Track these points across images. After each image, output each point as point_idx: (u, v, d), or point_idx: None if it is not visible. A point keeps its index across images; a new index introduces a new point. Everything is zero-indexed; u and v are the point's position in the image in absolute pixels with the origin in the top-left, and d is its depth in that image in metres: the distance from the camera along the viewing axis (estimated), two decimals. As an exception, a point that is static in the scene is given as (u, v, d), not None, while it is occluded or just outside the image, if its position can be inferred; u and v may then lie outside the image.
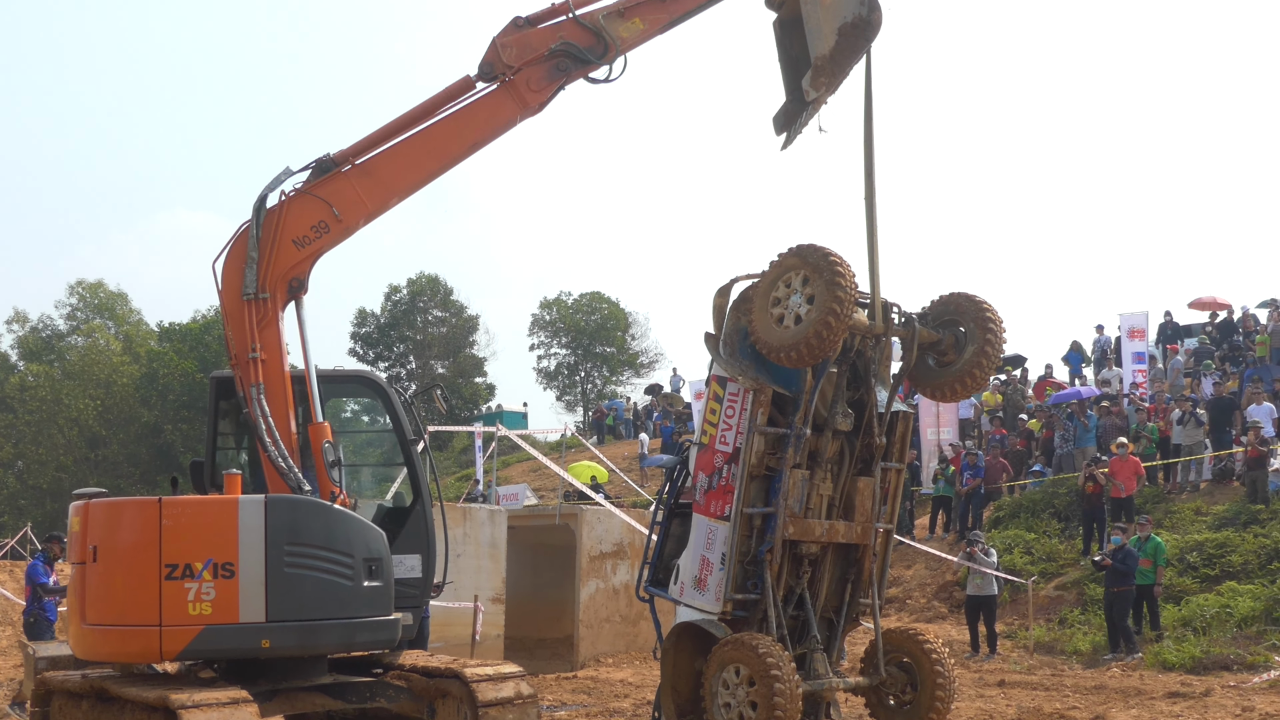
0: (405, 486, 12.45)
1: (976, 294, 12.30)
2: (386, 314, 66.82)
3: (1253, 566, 19.95)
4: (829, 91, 11.78)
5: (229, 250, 11.30)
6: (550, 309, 69.58)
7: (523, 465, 40.81)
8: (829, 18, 11.45)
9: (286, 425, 11.01)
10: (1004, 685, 16.00)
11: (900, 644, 12.68)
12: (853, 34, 11.42)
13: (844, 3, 11.46)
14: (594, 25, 11.46)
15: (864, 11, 11.37)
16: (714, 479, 11.85)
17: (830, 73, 11.57)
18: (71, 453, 56.70)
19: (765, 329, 11.49)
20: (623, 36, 11.56)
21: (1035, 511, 25.08)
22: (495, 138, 11.74)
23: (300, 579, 9.99)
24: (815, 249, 11.49)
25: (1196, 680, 15.76)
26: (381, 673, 11.50)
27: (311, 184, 11.41)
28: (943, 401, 16.23)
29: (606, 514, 21.31)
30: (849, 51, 11.52)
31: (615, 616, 20.77)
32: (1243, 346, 31.02)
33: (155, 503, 10.08)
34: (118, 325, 66.27)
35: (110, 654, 10.28)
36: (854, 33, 11.41)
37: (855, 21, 11.39)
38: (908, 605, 23.57)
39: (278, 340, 11.15)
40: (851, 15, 11.39)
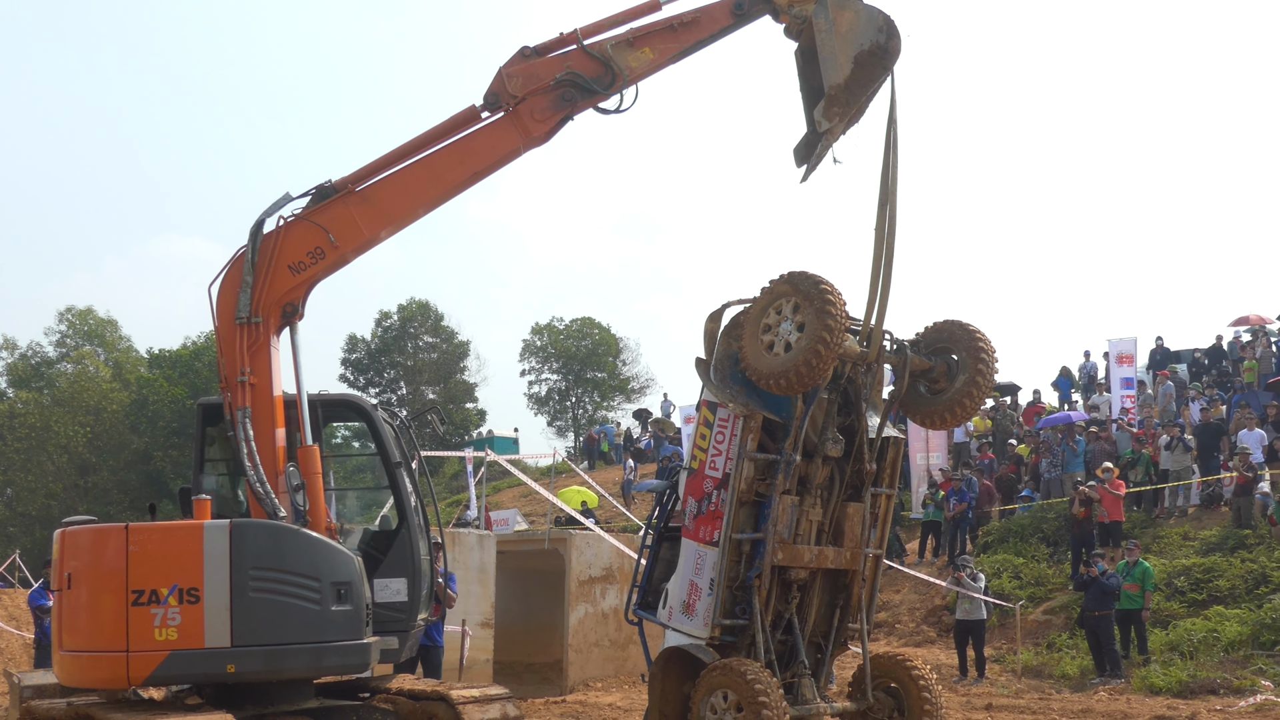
0: (394, 511, 12.46)
1: (969, 322, 12.33)
2: (377, 340, 66.77)
3: (1240, 591, 20.03)
4: (842, 122, 11.58)
5: (225, 274, 11.32)
6: (541, 334, 69.61)
7: (513, 490, 40.79)
8: (845, 46, 11.24)
9: (273, 449, 11.00)
10: (991, 709, 16.03)
11: (888, 669, 12.70)
12: (870, 62, 11.21)
13: (861, 30, 11.25)
14: (602, 55, 11.32)
15: (882, 39, 11.18)
16: (703, 504, 11.89)
17: (844, 103, 11.37)
18: (61, 480, 56.50)
19: (755, 355, 11.53)
20: (631, 66, 11.40)
21: (1024, 536, 25.15)
22: (498, 168, 11.67)
23: (265, 603, 9.96)
24: (806, 276, 11.53)
25: (1183, 704, 15.81)
26: (369, 696, 11.51)
27: (310, 210, 11.42)
28: (933, 429, 16.31)
29: (596, 539, 21.33)
30: (865, 81, 11.32)
31: (604, 641, 20.78)
32: (1230, 373, 31.15)
33: (122, 529, 10.11)
34: (107, 352, 66.13)
35: (82, 680, 10.27)
36: (871, 61, 11.21)
37: (873, 49, 11.19)
38: (896, 630, 23.59)
39: (268, 365, 11.16)
40: (869, 43, 11.20)
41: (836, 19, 11.21)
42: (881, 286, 11.58)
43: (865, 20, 11.19)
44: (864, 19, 11.19)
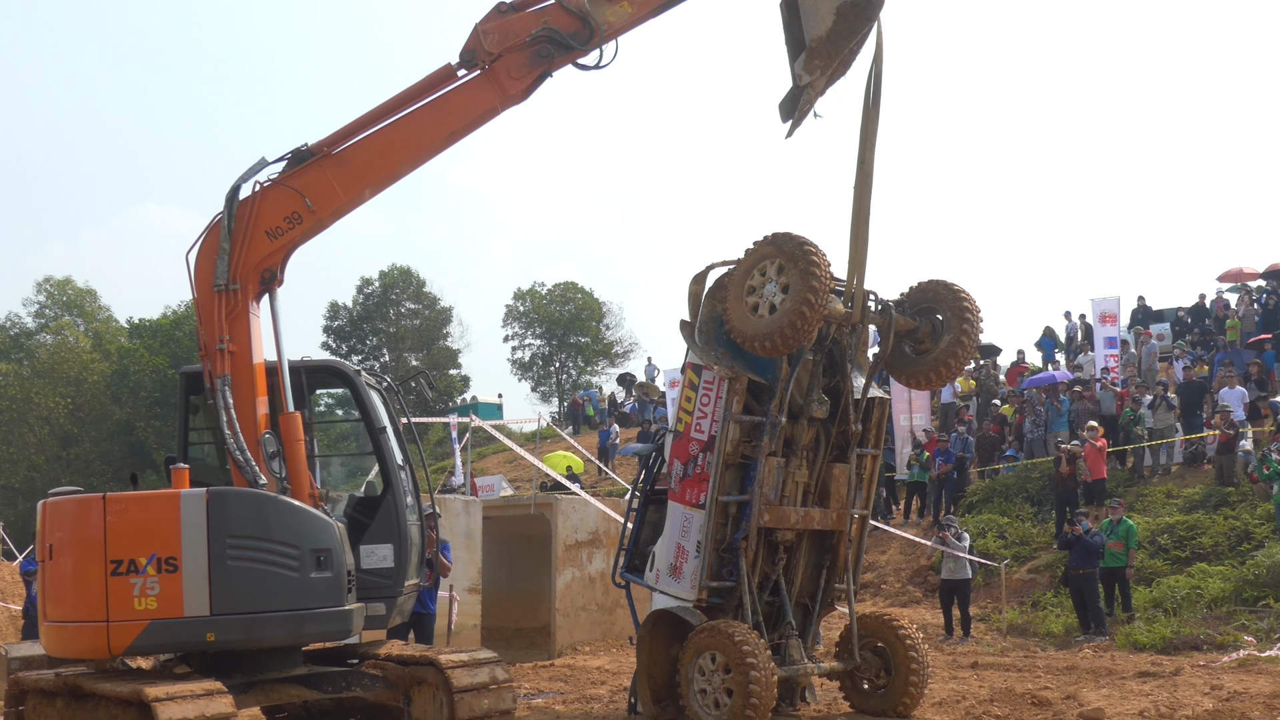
0: (380, 477, 12.41)
1: (954, 282, 12.32)
2: (359, 306, 66.57)
3: (1222, 548, 20.15)
4: (823, 77, 11.35)
5: (202, 241, 11.21)
6: (524, 300, 69.53)
7: (498, 456, 40.81)
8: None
9: (253, 417, 10.93)
10: (977, 667, 16.09)
11: (875, 629, 12.76)
12: (852, 14, 10.97)
13: None
14: (579, 9, 11.07)
15: None
16: (689, 467, 11.90)
17: (825, 55, 11.14)
18: (43, 451, 56.27)
19: (740, 317, 11.49)
20: (610, 21, 11.14)
21: (1008, 496, 25.26)
22: (475, 128, 11.48)
23: (244, 571, 9.92)
24: (790, 238, 11.47)
25: (1167, 660, 15.90)
26: (357, 662, 11.50)
27: (286, 175, 11.29)
28: (918, 389, 16.31)
29: (582, 503, 21.33)
30: (846, 33, 11.09)
31: (591, 605, 20.81)
32: (1213, 331, 31.24)
33: (100, 499, 10.08)
34: (87, 322, 65.83)
35: (66, 650, 10.26)
36: (853, 13, 10.97)
37: (856, 1, 10.96)
38: (882, 590, 23.68)
39: (248, 332, 11.07)
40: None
41: None
42: (860, 244, 11.54)
43: None
44: None
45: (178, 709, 9.09)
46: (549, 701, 14.41)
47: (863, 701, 12.64)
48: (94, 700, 10.09)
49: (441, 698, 10.72)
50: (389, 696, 11.25)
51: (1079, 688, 13.63)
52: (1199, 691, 13.02)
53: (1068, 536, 19.42)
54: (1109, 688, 13.66)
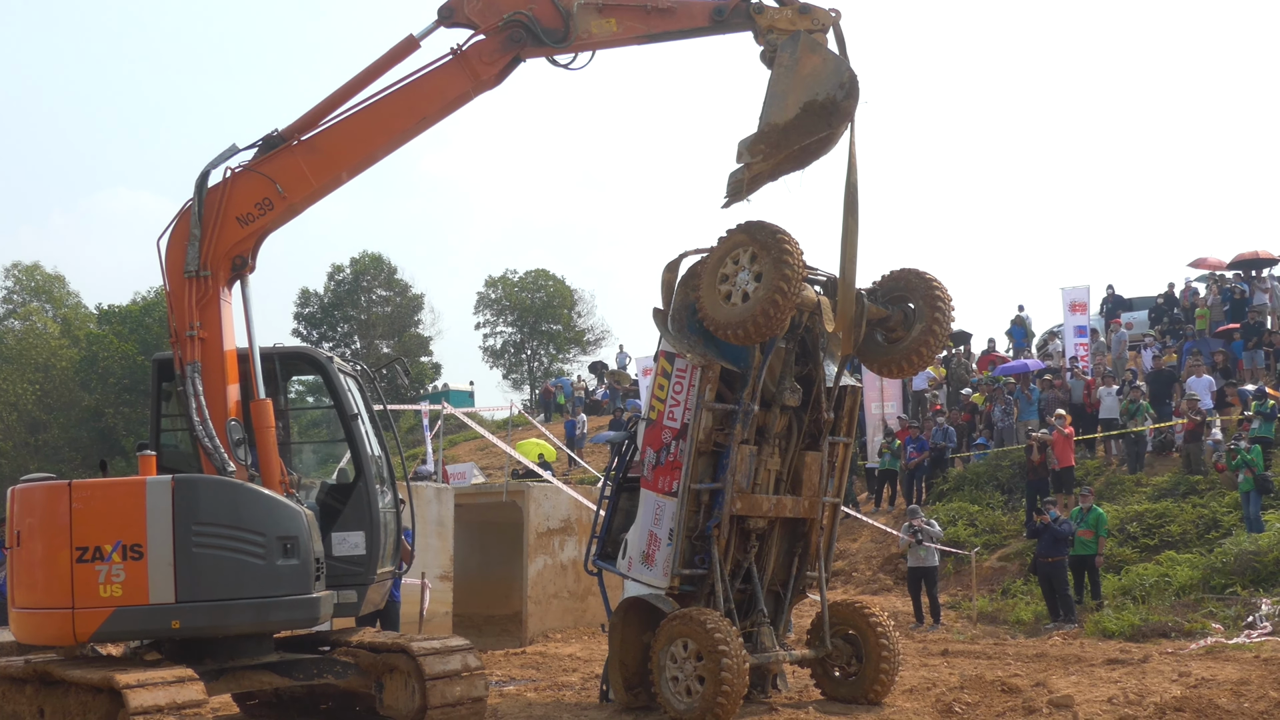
0: (352, 464, 12.37)
1: (925, 270, 12.34)
2: (330, 294, 66.24)
3: (1191, 536, 20.31)
4: (766, 164, 10.98)
5: (173, 228, 11.16)
6: (495, 287, 69.32)
7: (469, 444, 40.72)
8: (799, 88, 10.59)
9: (223, 404, 10.89)
10: (947, 654, 16.18)
11: (846, 617, 12.81)
12: (818, 114, 10.58)
13: (822, 80, 10.58)
14: (565, 9, 11.05)
15: (839, 96, 10.52)
16: (662, 455, 11.91)
17: (774, 144, 10.75)
18: (11, 437, 55.86)
19: (713, 306, 11.48)
20: (592, 31, 11.11)
21: (978, 484, 25.37)
22: (448, 113, 11.46)
23: (209, 559, 9.91)
24: (763, 226, 11.46)
25: (1135, 647, 16.01)
26: (329, 650, 11.48)
27: (257, 161, 11.24)
28: (890, 378, 16.38)
29: (554, 490, 21.32)
30: (804, 131, 10.68)
31: (563, 592, 20.82)
32: (1182, 320, 31.45)
33: (65, 486, 10.05)
34: (55, 308, 65.31)
35: (33, 637, 10.26)
36: (820, 114, 10.57)
37: (826, 103, 10.53)
38: (853, 578, 23.77)
39: (218, 318, 11.02)
40: (825, 95, 10.53)
41: (802, 59, 10.65)
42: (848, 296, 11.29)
43: (830, 71, 10.59)
44: (829, 69, 10.60)
45: (149, 696, 9.07)
46: (521, 689, 14.41)
47: (834, 689, 12.69)
48: (64, 687, 10.06)
49: (414, 685, 10.73)
50: (361, 684, 11.24)
51: (1048, 675, 13.73)
52: (1167, 678, 13.13)
53: (1036, 525, 19.54)
54: (1078, 675, 13.76)
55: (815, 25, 10.91)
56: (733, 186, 11.34)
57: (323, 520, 11.28)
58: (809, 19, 10.90)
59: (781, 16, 10.97)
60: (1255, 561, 18.17)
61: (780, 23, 10.95)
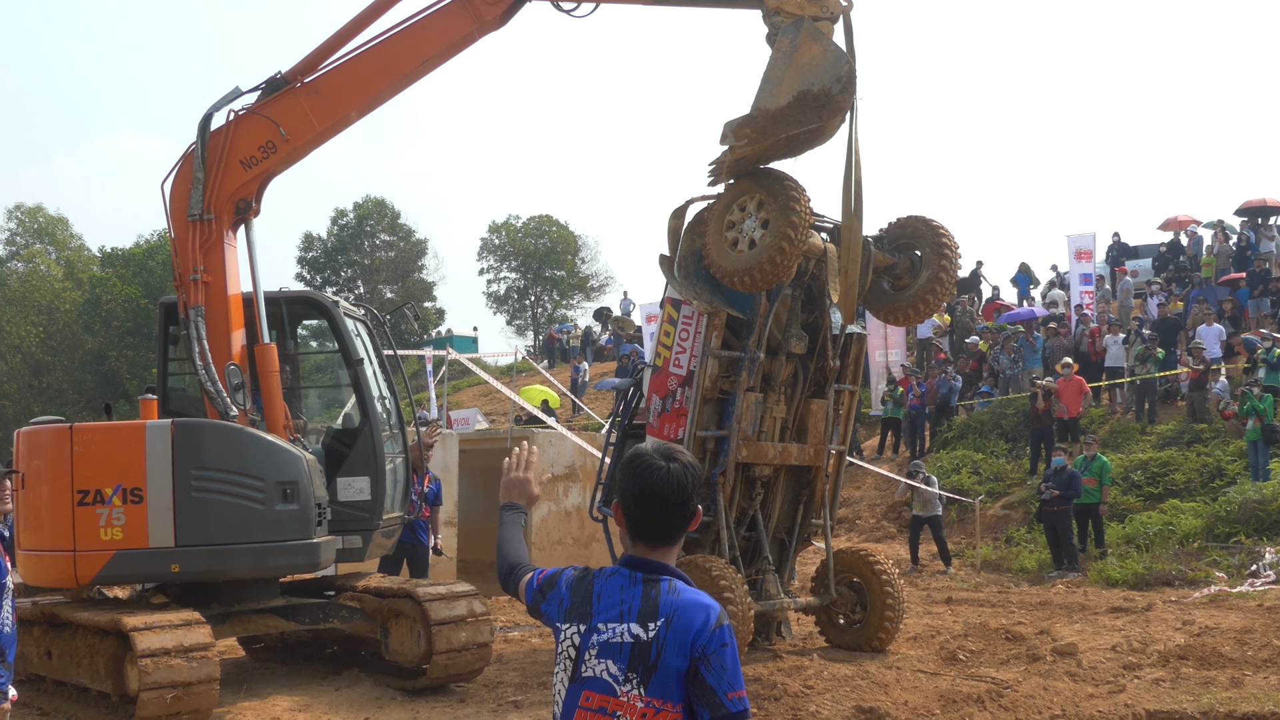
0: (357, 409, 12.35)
1: (932, 218, 12.24)
2: (333, 238, 66.05)
3: (1195, 485, 20.31)
4: (752, 148, 10.86)
5: (177, 171, 11.12)
6: (499, 233, 69.13)
7: (473, 390, 40.74)
8: (795, 76, 10.43)
9: (227, 348, 10.87)
10: (951, 602, 16.23)
11: (851, 564, 12.83)
12: (811, 105, 10.39)
13: (820, 70, 10.40)
14: None
15: (834, 89, 10.34)
16: (668, 402, 11.88)
17: (762, 130, 10.60)
18: (15, 380, 55.90)
19: (719, 252, 11.40)
20: None
21: (983, 432, 25.36)
22: (451, 55, 11.34)
23: (208, 503, 9.95)
24: (770, 173, 11.37)
25: (1139, 596, 16.04)
26: (334, 595, 11.51)
27: (260, 104, 11.17)
28: (896, 325, 16.31)
29: (558, 437, 21.30)
30: (795, 121, 10.50)
31: (568, 539, 20.85)
32: (1188, 268, 31.30)
33: (67, 429, 10.06)
34: (59, 251, 65.13)
35: (38, 579, 10.35)
36: (813, 104, 10.39)
37: (820, 94, 10.35)
38: (857, 525, 23.82)
39: (222, 262, 10.99)
40: (820, 86, 10.36)
41: (802, 46, 10.47)
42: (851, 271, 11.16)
43: (829, 62, 10.41)
44: (828, 60, 10.41)
45: (156, 639, 9.11)
46: (525, 634, 14.47)
47: (838, 636, 12.73)
48: (71, 629, 10.13)
49: (419, 630, 10.76)
50: (366, 628, 11.28)
51: (1052, 623, 13.77)
52: (1170, 627, 13.17)
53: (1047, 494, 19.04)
54: (1082, 623, 13.80)
55: (824, 13, 10.73)
56: (714, 168, 11.33)
57: (329, 465, 11.29)
58: (818, 6, 10.72)
59: (791, 0, 10.78)
60: (1259, 510, 18.16)
61: (789, 6, 10.76)
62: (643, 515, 3.47)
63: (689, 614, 3.34)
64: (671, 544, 3.53)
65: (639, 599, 3.40)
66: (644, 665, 3.32)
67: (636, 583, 3.45)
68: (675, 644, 3.31)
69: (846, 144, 10.78)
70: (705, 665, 3.28)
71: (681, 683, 3.31)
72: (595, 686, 3.39)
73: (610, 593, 3.46)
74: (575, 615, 3.49)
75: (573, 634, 3.47)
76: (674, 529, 3.50)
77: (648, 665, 3.32)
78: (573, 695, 3.43)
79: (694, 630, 3.31)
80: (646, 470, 3.45)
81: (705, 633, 3.31)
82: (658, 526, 3.48)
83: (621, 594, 3.44)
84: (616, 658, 3.37)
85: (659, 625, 3.34)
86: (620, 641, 3.38)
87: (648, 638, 3.34)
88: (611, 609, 3.43)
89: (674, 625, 3.33)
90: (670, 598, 3.39)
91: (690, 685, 3.31)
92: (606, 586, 3.49)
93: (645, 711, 3.32)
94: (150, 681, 8.93)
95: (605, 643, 3.39)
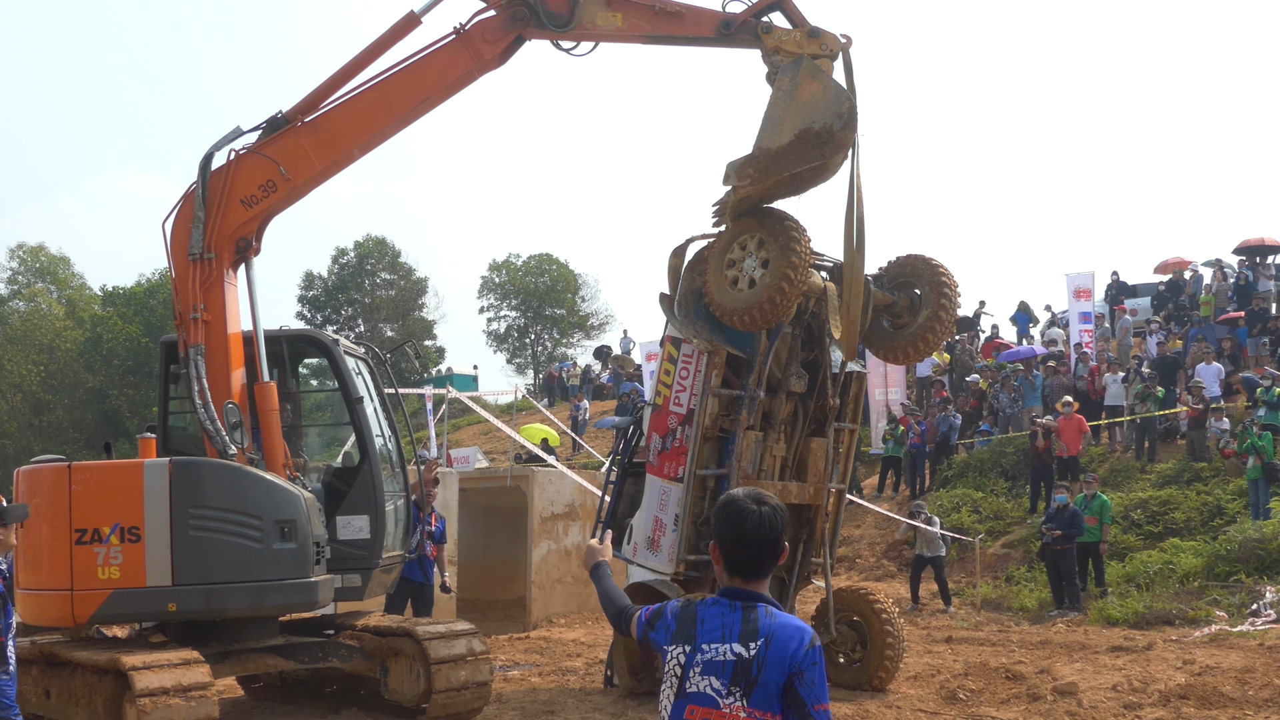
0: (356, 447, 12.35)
1: (932, 257, 12.28)
2: (334, 276, 66.16)
3: (1195, 523, 20.29)
4: (753, 189, 10.84)
5: (178, 210, 11.16)
6: (499, 271, 69.21)
7: (473, 428, 40.70)
8: (795, 114, 10.46)
9: (227, 387, 10.88)
10: (951, 641, 16.19)
11: (851, 603, 12.81)
12: (812, 143, 10.39)
13: (821, 108, 10.41)
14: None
15: (836, 125, 10.34)
16: (668, 440, 11.89)
17: (764, 169, 10.60)
18: (15, 418, 55.86)
19: (720, 291, 11.43)
20: (596, 23, 11.03)
21: (983, 470, 25.33)
22: (451, 94, 11.42)
23: (206, 542, 9.93)
24: (771, 213, 11.40)
25: (1139, 635, 16.00)
26: (334, 633, 11.48)
27: (260, 143, 11.22)
28: (896, 364, 16.34)
29: (558, 475, 21.30)
30: (798, 159, 10.50)
31: (567, 577, 20.82)
32: (1187, 306, 31.37)
33: (65, 468, 10.06)
34: (60, 289, 65.26)
35: (36, 618, 10.32)
36: (815, 142, 10.39)
37: (821, 132, 10.35)
38: (857, 564, 23.75)
39: (222, 301, 11.02)
40: (821, 123, 10.36)
41: (802, 84, 10.51)
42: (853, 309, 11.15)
43: (830, 99, 10.44)
44: (829, 98, 10.45)
45: (155, 678, 9.09)
46: (525, 674, 14.42)
47: (839, 675, 12.69)
48: (70, 668, 10.10)
49: (419, 668, 10.74)
50: (366, 667, 11.26)
51: (1053, 662, 13.74)
52: (1171, 666, 13.13)
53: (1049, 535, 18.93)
54: (1082, 662, 13.76)
55: (823, 51, 10.76)
56: (718, 208, 11.37)
57: (328, 504, 11.29)
58: (817, 44, 10.76)
59: (789, 39, 10.82)
60: (1259, 549, 18.14)
61: (787, 45, 10.80)
62: (739, 554, 3.91)
63: (786, 635, 3.80)
64: (764, 577, 3.96)
65: (739, 623, 3.84)
66: (746, 680, 3.77)
67: (736, 609, 3.88)
68: (775, 661, 3.76)
69: (849, 180, 10.77)
70: (800, 680, 3.75)
71: (779, 695, 3.76)
72: (700, 700, 3.84)
73: (712, 618, 3.90)
74: (681, 638, 3.94)
75: (679, 654, 3.92)
76: (766, 564, 3.94)
77: (749, 680, 3.77)
78: (678, 709, 3.88)
79: (791, 649, 3.77)
80: (741, 515, 3.89)
81: (801, 651, 3.77)
82: (753, 563, 3.92)
83: (723, 619, 3.88)
84: (719, 674, 3.81)
85: (759, 645, 3.79)
86: (723, 659, 3.82)
87: (749, 655, 3.79)
88: (714, 631, 3.87)
89: (773, 645, 3.78)
90: (768, 621, 3.83)
91: (785, 696, 3.76)
92: (709, 613, 3.93)
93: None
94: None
95: (709, 661, 3.84)
